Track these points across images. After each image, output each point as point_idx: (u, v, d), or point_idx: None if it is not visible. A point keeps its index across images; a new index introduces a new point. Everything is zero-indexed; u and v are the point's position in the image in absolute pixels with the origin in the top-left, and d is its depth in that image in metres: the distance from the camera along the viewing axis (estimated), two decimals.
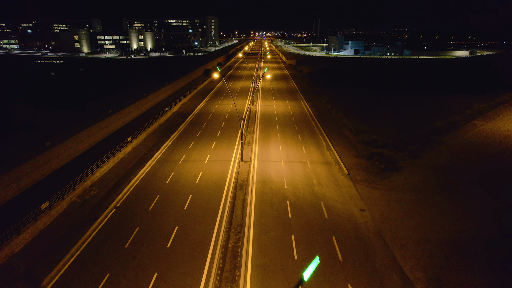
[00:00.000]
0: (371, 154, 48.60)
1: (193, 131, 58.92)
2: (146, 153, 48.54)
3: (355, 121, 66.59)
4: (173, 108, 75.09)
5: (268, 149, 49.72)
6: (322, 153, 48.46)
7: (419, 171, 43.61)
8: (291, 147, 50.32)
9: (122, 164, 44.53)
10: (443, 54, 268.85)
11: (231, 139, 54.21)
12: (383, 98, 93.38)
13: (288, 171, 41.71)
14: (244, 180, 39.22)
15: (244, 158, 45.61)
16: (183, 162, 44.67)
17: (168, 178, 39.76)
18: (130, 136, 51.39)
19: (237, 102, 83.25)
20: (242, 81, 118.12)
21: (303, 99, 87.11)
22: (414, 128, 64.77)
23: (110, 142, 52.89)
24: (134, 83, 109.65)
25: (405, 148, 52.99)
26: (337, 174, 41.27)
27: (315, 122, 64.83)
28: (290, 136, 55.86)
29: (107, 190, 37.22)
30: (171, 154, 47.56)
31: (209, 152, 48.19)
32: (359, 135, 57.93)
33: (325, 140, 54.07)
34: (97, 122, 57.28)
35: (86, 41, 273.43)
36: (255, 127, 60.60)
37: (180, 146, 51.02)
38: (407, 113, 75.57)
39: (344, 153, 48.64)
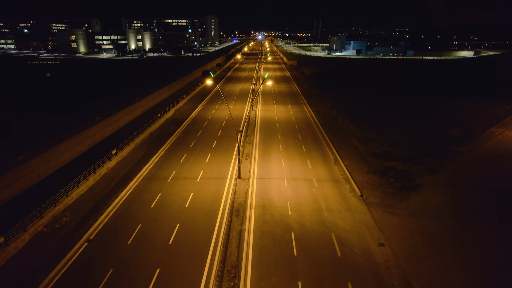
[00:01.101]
0: (385, 169, 43.38)
1: (186, 141, 53.65)
2: (133, 168, 43.29)
3: (363, 128, 61.41)
4: (167, 114, 69.85)
5: (269, 163, 44.45)
6: (330, 168, 43.18)
7: (440, 190, 38.34)
8: (294, 161, 45.04)
9: (104, 182, 39.28)
10: (447, 55, 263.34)
11: (227, 151, 48.94)
12: (390, 101, 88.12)
13: (292, 191, 36.43)
14: (241, 203, 33.96)
15: (241, 174, 40.35)
16: (172, 179, 39.41)
17: (154, 200, 34.51)
18: (115, 148, 46.12)
19: (236, 107, 78.01)
20: (242, 83, 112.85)
21: (306, 103, 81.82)
22: (427, 137, 59.57)
23: (96, 152, 47.81)
24: (128, 85, 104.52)
25: (421, 161, 47.79)
26: (348, 195, 35.99)
27: (320, 130, 59.55)
28: (293, 147, 50.58)
29: (82, 215, 31.99)
30: (159, 170, 42.30)
31: (202, 167, 42.93)
32: (368, 145, 52.71)
33: (332, 152, 48.79)
34: (82, 131, 52.15)
35: (83, 41, 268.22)
36: (255, 137, 55.33)
37: (170, 159, 45.77)
38: (417, 118, 70.28)
39: (354, 168, 43.37)
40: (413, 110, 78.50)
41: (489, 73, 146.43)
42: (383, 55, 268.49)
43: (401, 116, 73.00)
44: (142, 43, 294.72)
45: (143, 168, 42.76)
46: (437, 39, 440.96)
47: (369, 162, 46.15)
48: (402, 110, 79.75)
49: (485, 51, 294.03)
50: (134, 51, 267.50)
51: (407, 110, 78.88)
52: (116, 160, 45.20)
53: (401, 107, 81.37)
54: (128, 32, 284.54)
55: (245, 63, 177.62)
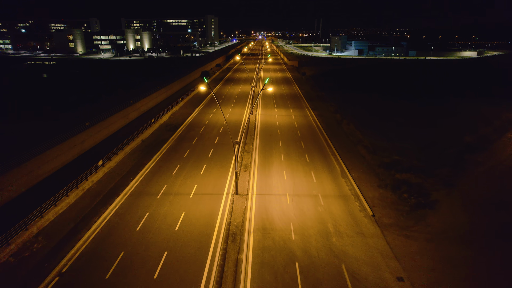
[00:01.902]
0: (396, 183, 39.53)
1: (180, 149, 49.82)
2: (120, 181, 39.46)
3: (369, 134, 57.60)
4: (162, 119, 66.03)
5: (269, 175, 40.60)
6: (337, 181, 39.32)
7: (459, 207, 34.51)
8: (297, 173, 41.20)
9: (87, 198, 35.46)
10: (450, 55, 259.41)
11: (224, 161, 45.09)
12: (395, 104, 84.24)
13: (295, 210, 32.58)
14: (238, 225, 30.12)
15: (239, 190, 36.51)
16: (163, 196, 35.58)
17: (141, 221, 30.68)
18: (102, 159, 42.29)
19: (235, 110, 74.18)
20: (241, 85, 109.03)
21: (308, 106, 77.96)
22: (438, 144, 55.75)
23: (84, 161, 44.31)
24: (124, 87, 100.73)
25: (434, 172, 43.96)
26: (358, 215, 32.14)
27: (324, 137, 55.71)
28: (296, 156, 46.73)
29: (58, 240, 28.18)
30: (149, 184, 38.47)
31: (196, 181, 39.08)
32: (376, 154, 48.87)
33: (338, 162, 44.94)
34: (70, 137, 48.51)
35: (81, 41, 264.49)
36: (254, 144, 51.49)
37: (162, 171, 41.93)
38: (426, 123, 66.39)
39: (363, 181, 39.52)
40: (420, 113, 74.61)
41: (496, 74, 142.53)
42: (385, 55, 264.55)
43: (408, 120, 69.12)
44: (141, 43, 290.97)
45: (132, 182, 38.94)
46: (438, 39, 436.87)
47: (379, 174, 42.31)
48: (408, 113, 75.87)
49: (489, 51, 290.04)
50: (132, 52, 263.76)
51: (413, 113, 75.00)
52: (102, 172, 41.38)
53: (407, 110, 77.47)
54: (127, 32, 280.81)
55: (245, 64, 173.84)
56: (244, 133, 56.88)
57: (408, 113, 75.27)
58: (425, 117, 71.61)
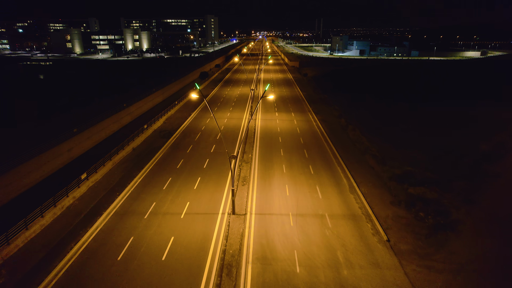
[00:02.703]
0: (411, 199, 35.72)
1: (174, 159, 45.97)
2: (105, 197, 35.62)
3: (376, 141, 53.81)
4: (156, 124, 62.17)
5: (270, 190, 36.73)
6: (345, 197, 35.44)
7: (485, 229, 30.70)
8: (301, 187, 37.32)
9: (66, 218, 31.61)
10: (453, 55, 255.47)
11: (221, 173, 41.22)
12: (402, 108, 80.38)
13: (299, 234, 28.72)
14: (234, 254, 26.27)
15: (236, 209, 32.66)
16: (151, 215, 31.72)
17: (124, 248, 26.83)
18: (86, 171, 38.43)
19: (233, 114, 70.31)
20: (241, 87, 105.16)
21: (311, 110, 74.09)
22: (452, 152, 51.92)
23: (71, 171, 40.88)
24: (119, 89, 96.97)
25: (451, 185, 40.16)
26: (371, 240, 28.26)
27: (329, 145, 51.85)
28: (299, 167, 42.85)
29: (24, 273, 24.35)
30: (137, 200, 34.61)
31: (189, 197, 35.21)
32: (386, 165, 45.00)
33: (346, 174, 41.06)
34: (55, 146, 44.77)
35: (79, 41, 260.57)
36: (254, 153, 47.63)
37: (152, 185, 38.07)
38: (436, 128, 62.51)
39: (374, 197, 35.67)
40: (429, 118, 70.76)
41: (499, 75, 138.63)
42: (387, 55, 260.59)
43: (416, 125, 65.30)
44: (140, 43, 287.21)
45: (117, 198, 35.07)
46: (439, 39, 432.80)
47: (391, 188, 38.44)
48: (416, 117, 72.03)
49: (492, 51, 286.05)
50: (131, 52, 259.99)
51: (422, 117, 71.15)
52: (86, 186, 37.54)
53: (415, 114, 73.60)
54: (125, 32, 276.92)
55: (245, 65, 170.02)
56: (242, 142, 53.03)
57: (416, 117, 71.39)
58: (434, 121, 67.76)
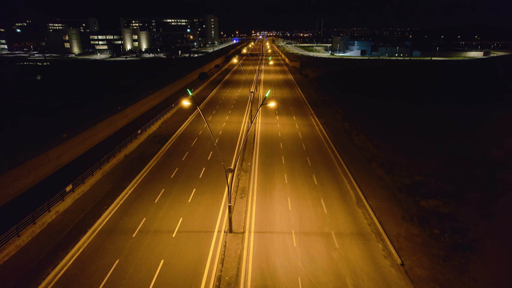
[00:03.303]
0: (423, 214, 32.87)
1: (168, 167, 43.10)
2: (92, 211, 32.76)
3: (383, 148, 50.99)
4: (150, 128, 59.30)
5: (271, 204, 33.87)
6: (352, 212, 32.57)
7: (507, 248, 27.85)
8: (304, 200, 34.45)
9: (46, 237, 28.74)
10: (455, 55, 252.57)
11: (217, 183, 38.36)
12: (408, 111, 77.56)
13: (303, 257, 25.85)
14: (231, 281, 23.40)
15: (234, 226, 29.80)
16: (140, 233, 28.86)
17: (106, 275, 23.97)
18: (72, 183, 35.56)
19: (232, 118, 67.47)
20: (240, 88, 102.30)
21: (313, 113, 71.22)
22: (463, 159, 49.10)
23: (59, 180, 38.25)
24: (115, 90, 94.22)
25: (466, 197, 37.33)
26: (383, 264, 25.38)
27: (333, 151, 48.97)
28: (301, 177, 39.98)
29: None
30: (126, 215, 31.75)
31: (182, 212, 32.34)
32: (395, 174, 42.17)
33: (352, 186, 38.18)
34: (41, 153, 42.01)
35: (77, 41, 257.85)
36: (253, 161, 44.75)
37: (143, 197, 35.21)
38: (444, 133, 59.65)
39: (384, 212, 32.81)
40: (436, 121, 67.93)
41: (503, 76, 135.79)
42: (389, 55, 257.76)
43: (423, 129, 62.50)
44: (139, 43, 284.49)
45: (105, 213, 32.21)
46: (441, 39, 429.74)
47: (401, 201, 35.59)
48: (422, 120, 69.24)
49: (495, 51, 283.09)
50: (129, 52, 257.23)
51: (428, 120, 68.33)
52: (72, 199, 34.69)
53: (420, 117, 70.76)
54: (124, 32, 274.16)
55: (245, 65, 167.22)
56: (241, 148, 50.20)
57: (422, 120, 68.56)
58: (441, 125, 64.92)
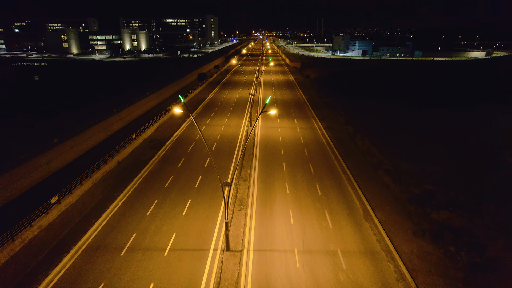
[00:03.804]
0: (436, 228, 30.45)
1: (162, 175, 40.70)
2: (78, 225, 30.36)
3: (389, 153, 48.64)
4: (146, 132, 56.87)
5: (271, 217, 31.44)
6: (359, 226, 30.15)
7: None
8: (308, 213, 32.02)
9: (25, 256, 26.32)
10: (458, 55, 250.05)
11: (214, 193, 35.94)
12: (414, 113, 75.15)
13: (308, 279, 23.43)
14: None
15: (231, 243, 27.38)
16: (128, 252, 26.44)
17: None
18: (58, 194, 33.13)
19: (231, 121, 65.08)
20: (240, 90, 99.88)
21: (315, 116, 68.78)
22: (474, 165, 46.70)
23: (47, 188, 35.97)
24: (111, 92, 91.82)
25: (480, 209, 35.00)
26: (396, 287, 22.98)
27: (337, 157, 46.55)
28: (304, 186, 37.56)
29: None
30: (114, 230, 29.34)
31: (176, 226, 29.91)
32: (403, 182, 39.76)
33: (358, 196, 35.75)
34: (30, 159, 39.83)
35: (75, 41, 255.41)
36: (253, 169, 42.33)
37: (134, 209, 32.80)
38: (453, 138, 57.21)
39: (394, 226, 30.39)
40: (443, 124, 65.51)
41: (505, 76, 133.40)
42: (390, 56, 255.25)
43: (430, 132, 60.10)
44: (138, 43, 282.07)
45: (93, 227, 29.79)
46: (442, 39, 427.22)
47: (411, 213, 33.16)
48: (428, 123, 66.83)
49: (497, 52, 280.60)
50: (128, 52, 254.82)
51: (434, 123, 65.89)
52: (58, 211, 32.28)
53: (427, 120, 68.33)
54: (123, 32, 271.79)
55: (245, 66, 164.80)
56: (241, 155, 47.82)
57: (428, 123, 66.12)
58: (449, 128, 62.49)
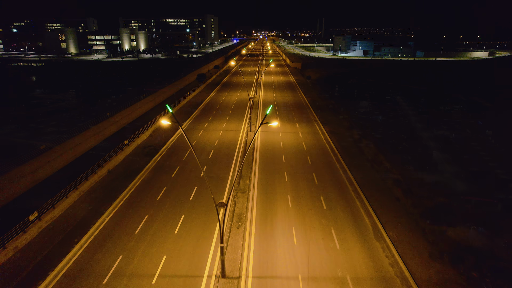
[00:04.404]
0: (455, 249, 27.52)
1: (154, 186, 37.83)
2: (58, 245, 27.45)
3: (396, 161, 45.97)
4: (140, 137, 54.00)
5: (272, 237, 28.51)
6: (370, 247, 27.21)
7: None
8: (312, 232, 29.10)
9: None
10: (461, 55, 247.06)
11: (210, 208, 33.03)
12: (419, 115, 72.34)
13: None
14: None
15: (229, 266, 24.49)
16: (112, 279, 23.54)
17: None
18: (37, 210, 30.24)
19: (230, 125, 62.20)
20: (239, 91, 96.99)
21: (317, 120, 65.88)
22: (489, 171, 44.01)
23: (31, 200, 33.17)
24: (106, 94, 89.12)
25: (502, 224, 32.23)
26: None
27: (342, 166, 43.63)
28: (307, 199, 34.66)
29: None
30: (99, 252, 26.44)
31: (166, 248, 26.97)
32: (414, 194, 36.88)
33: (367, 210, 32.83)
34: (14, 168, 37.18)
35: (74, 41, 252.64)
36: (252, 180, 39.44)
37: (122, 227, 29.90)
38: (463, 141, 54.39)
39: (407, 246, 27.49)
40: (449, 125, 62.70)
41: None
42: (392, 56, 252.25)
43: (435, 134, 57.28)
44: (137, 44, 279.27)
45: (75, 248, 26.90)
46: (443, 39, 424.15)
47: (425, 230, 30.23)
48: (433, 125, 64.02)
49: (500, 52, 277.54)
50: (126, 52, 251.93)
51: (439, 125, 63.06)
52: (38, 229, 29.39)
53: (432, 123, 65.49)
54: (122, 32, 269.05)
55: (245, 66, 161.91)
56: (239, 163, 44.95)
57: (436, 126, 63.25)
58: (457, 131, 59.66)
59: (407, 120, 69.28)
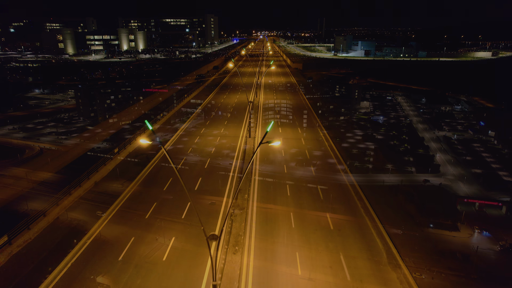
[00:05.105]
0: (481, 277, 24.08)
1: (144, 201, 34.40)
2: (27, 277, 24.12)
3: (404, 170, 42.45)
4: (131, 145, 50.59)
5: (273, 264, 25.06)
6: (384, 278, 23.66)
7: None
8: (319, 258, 25.64)
9: None
10: (464, 56, 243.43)
11: (205, 229, 29.59)
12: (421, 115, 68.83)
13: None
14: None
15: None
16: None
17: None
18: (7, 234, 26.85)
19: (228, 130, 58.78)
20: (239, 93, 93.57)
21: (321, 125, 62.37)
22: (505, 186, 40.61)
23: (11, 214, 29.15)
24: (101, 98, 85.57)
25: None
26: None
27: (348, 177, 40.13)
28: (313, 218, 31.20)
29: None
30: (73, 284, 23.02)
31: (152, 279, 23.51)
32: (428, 211, 33.56)
33: (379, 232, 29.24)
34: None
35: (71, 41, 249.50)
36: (251, 194, 35.96)
37: (104, 252, 26.45)
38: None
39: (427, 276, 24.04)
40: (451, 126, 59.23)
41: None
42: (394, 56, 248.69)
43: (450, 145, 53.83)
44: (135, 44, 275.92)
45: (47, 280, 23.44)
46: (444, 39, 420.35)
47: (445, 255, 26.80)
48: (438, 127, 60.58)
49: (504, 52, 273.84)
50: (125, 52, 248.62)
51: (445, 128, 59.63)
52: (7, 255, 26.00)
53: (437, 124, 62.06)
54: (120, 32, 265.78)
55: (244, 67, 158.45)
56: (237, 176, 41.54)
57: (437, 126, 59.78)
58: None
59: (408, 121, 65.86)
